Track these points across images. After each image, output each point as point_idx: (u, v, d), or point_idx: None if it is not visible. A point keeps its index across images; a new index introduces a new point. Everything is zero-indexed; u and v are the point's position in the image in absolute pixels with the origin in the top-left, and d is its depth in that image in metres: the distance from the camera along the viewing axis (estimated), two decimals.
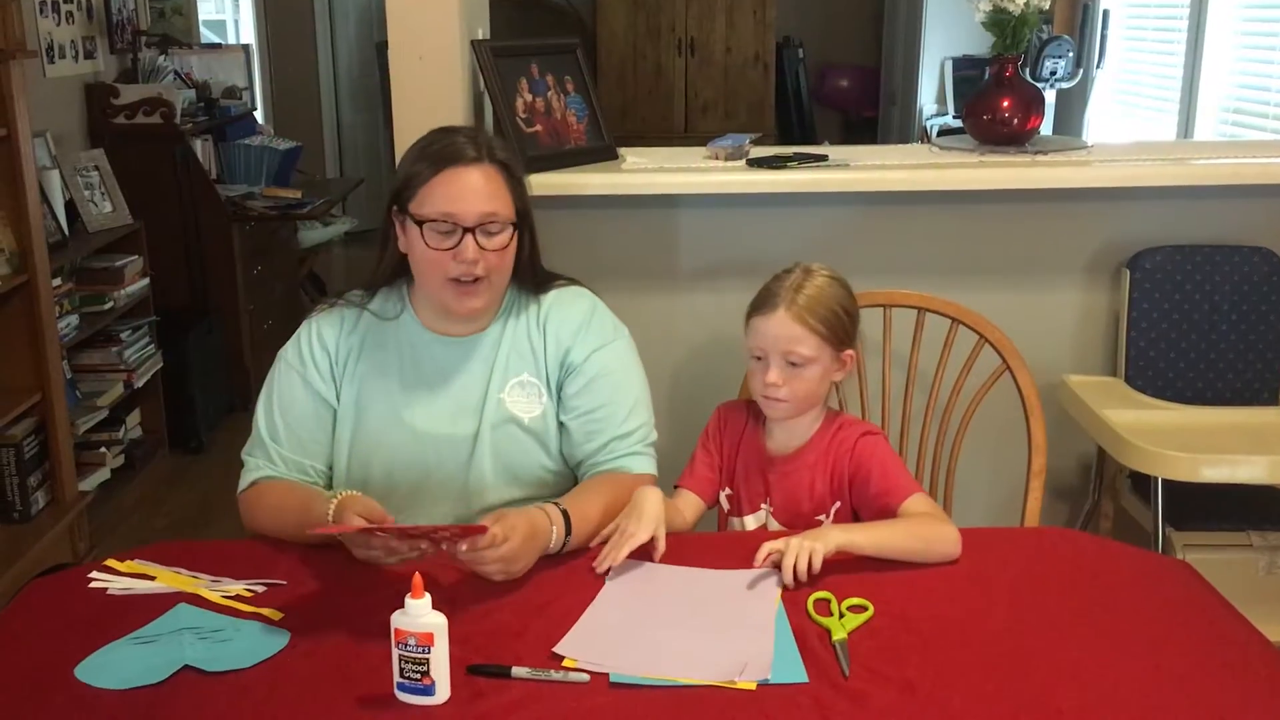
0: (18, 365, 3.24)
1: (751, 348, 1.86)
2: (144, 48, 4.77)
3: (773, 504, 1.89)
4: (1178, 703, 1.35)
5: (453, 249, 1.74)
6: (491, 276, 1.78)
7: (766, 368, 1.83)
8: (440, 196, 1.74)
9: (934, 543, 1.69)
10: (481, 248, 1.74)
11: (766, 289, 1.87)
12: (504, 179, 1.79)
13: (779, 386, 1.81)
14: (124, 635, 1.48)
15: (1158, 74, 4.53)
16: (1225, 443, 2.40)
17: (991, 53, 2.70)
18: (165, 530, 3.74)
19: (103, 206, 4.06)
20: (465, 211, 1.74)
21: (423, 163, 1.77)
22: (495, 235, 1.76)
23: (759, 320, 1.84)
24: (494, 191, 1.77)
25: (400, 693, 1.34)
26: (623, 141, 2.73)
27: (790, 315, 1.81)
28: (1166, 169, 2.58)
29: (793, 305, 1.81)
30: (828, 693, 1.36)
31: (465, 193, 1.74)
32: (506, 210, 1.78)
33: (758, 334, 1.84)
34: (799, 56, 7.26)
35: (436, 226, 1.74)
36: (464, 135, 1.81)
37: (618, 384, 1.87)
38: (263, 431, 1.85)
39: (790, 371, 1.81)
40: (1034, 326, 2.62)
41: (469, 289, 1.77)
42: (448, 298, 1.78)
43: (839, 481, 1.86)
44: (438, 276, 1.77)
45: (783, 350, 1.81)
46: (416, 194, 1.76)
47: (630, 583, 1.61)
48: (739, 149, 2.63)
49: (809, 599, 1.56)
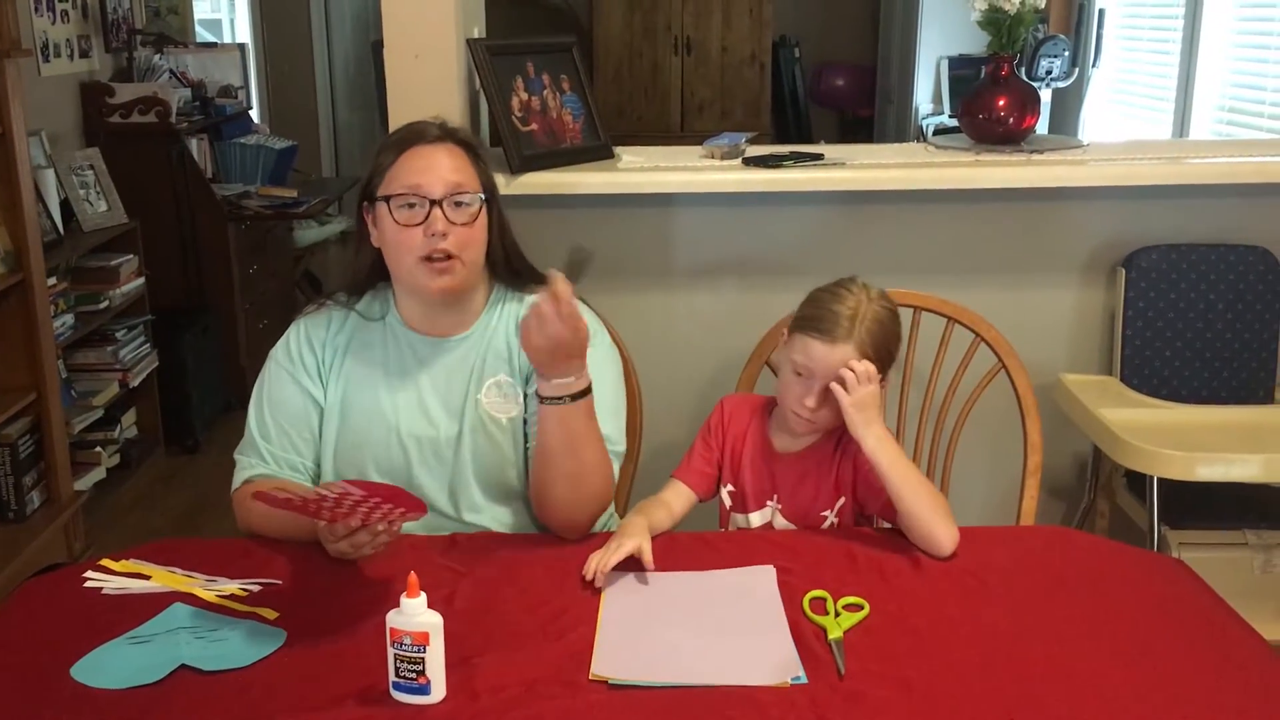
0: (13, 364, 3.23)
1: (796, 363, 1.81)
2: (139, 46, 4.76)
3: (780, 501, 1.88)
4: (1173, 701, 1.35)
5: (422, 224, 1.73)
6: (464, 254, 1.76)
7: (808, 388, 1.79)
8: (406, 171, 1.75)
9: (937, 518, 1.69)
10: (450, 221, 1.74)
11: (827, 309, 1.80)
12: (469, 157, 1.80)
13: (817, 410, 1.79)
14: (120, 635, 1.48)
15: (1153, 73, 4.53)
16: (1221, 441, 2.40)
17: (987, 52, 2.70)
18: (161, 530, 3.74)
19: (98, 205, 4.06)
20: (432, 182, 1.74)
21: (387, 150, 1.79)
22: (464, 207, 1.75)
23: (816, 344, 1.78)
24: (460, 166, 1.78)
25: (396, 692, 1.34)
26: (618, 141, 2.72)
27: (855, 348, 1.76)
28: (1162, 168, 2.58)
29: (851, 336, 1.77)
30: (824, 691, 1.36)
31: (431, 165, 1.75)
32: (474, 184, 1.78)
33: (810, 356, 1.78)
34: (795, 56, 7.26)
35: (404, 199, 1.74)
36: (426, 122, 1.82)
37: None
38: (254, 430, 1.86)
39: (829, 399, 1.78)
40: (1030, 325, 2.63)
41: (440, 266, 1.75)
42: (420, 277, 1.76)
43: (846, 478, 1.85)
44: (409, 256, 1.75)
45: (836, 378, 1.77)
46: (383, 178, 1.77)
47: (629, 592, 1.60)
48: (735, 148, 2.63)
49: (805, 598, 1.56)
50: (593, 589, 1.59)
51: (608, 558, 1.61)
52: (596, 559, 1.62)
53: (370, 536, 1.58)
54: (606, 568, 1.60)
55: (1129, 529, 2.65)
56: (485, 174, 1.82)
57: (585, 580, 1.61)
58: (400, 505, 1.52)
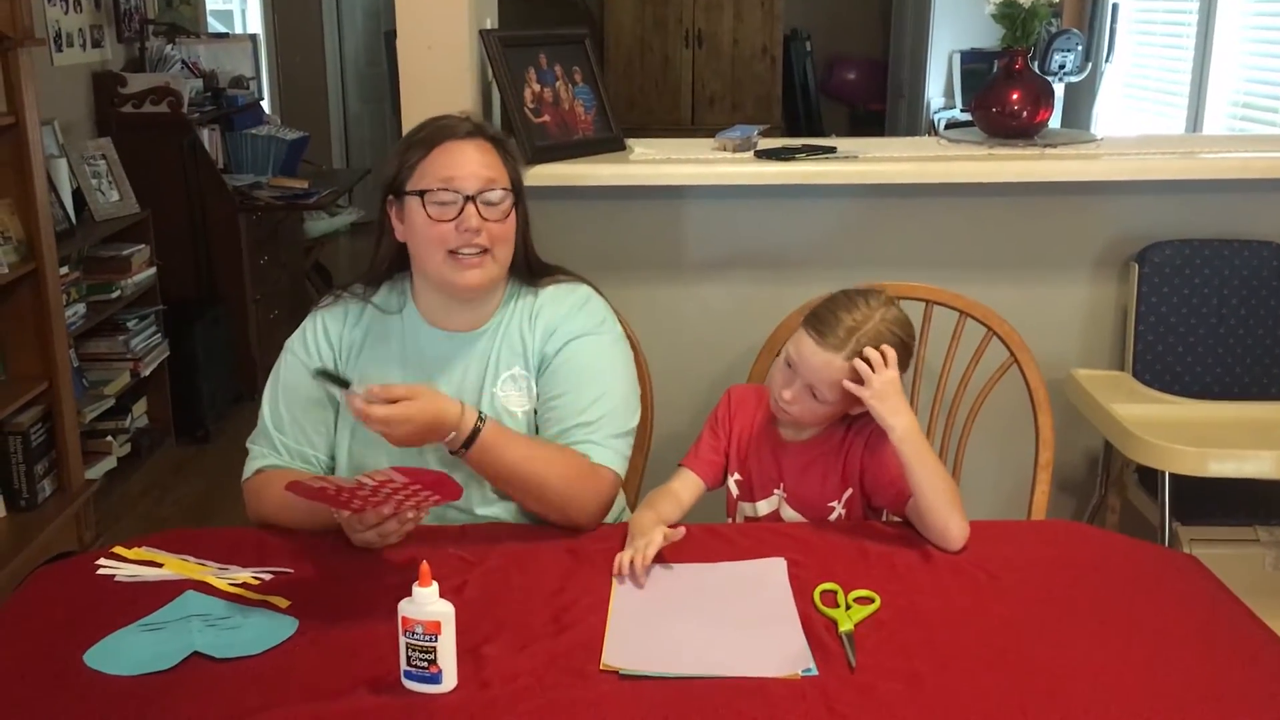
0: (25, 353, 3.25)
1: (789, 353, 1.82)
2: (151, 37, 4.77)
3: (786, 489, 1.88)
4: (1184, 696, 1.35)
5: (455, 219, 1.73)
6: (495, 249, 1.76)
7: (789, 380, 1.80)
8: (440, 166, 1.75)
9: (953, 512, 1.69)
10: (483, 217, 1.74)
11: (833, 313, 1.78)
12: (498, 153, 1.80)
13: (792, 404, 1.80)
14: (132, 622, 1.49)
15: (1167, 67, 4.51)
16: (1233, 437, 2.40)
17: (1001, 45, 2.69)
18: (171, 519, 3.75)
19: (110, 195, 4.07)
20: (466, 177, 1.74)
21: (415, 147, 1.79)
22: (497, 204, 1.76)
23: (808, 342, 1.78)
24: (491, 161, 1.78)
25: (407, 681, 1.34)
26: (629, 134, 2.72)
27: (840, 358, 1.75)
28: (1175, 163, 2.57)
29: (847, 349, 1.75)
30: (834, 684, 1.36)
31: (465, 161, 1.75)
32: (505, 180, 1.79)
33: (800, 351, 1.79)
34: (806, 49, 7.24)
35: (437, 196, 1.74)
36: (454, 117, 1.82)
37: (586, 372, 1.82)
38: (267, 421, 1.86)
39: (807, 397, 1.79)
40: (1042, 320, 2.62)
41: (471, 261, 1.75)
42: (448, 272, 1.76)
43: (853, 468, 1.85)
44: (439, 251, 1.75)
45: (812, 381, 1.78)
46: (413, 174, 1.77)
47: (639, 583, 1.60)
48: (748, 140, 2.62)
49: (816, 590, 1.56)
50: (604, 580, 1.59)
51: (647, 552, 1.60)
52: (627, 557, 1.61)
53: (399, 525, 1.59)
54: (647, 562, 1.60)
55: (1140, 525, 2.64)
56: (514, 171, 1.83)
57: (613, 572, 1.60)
58: (439, 492, 1.53)
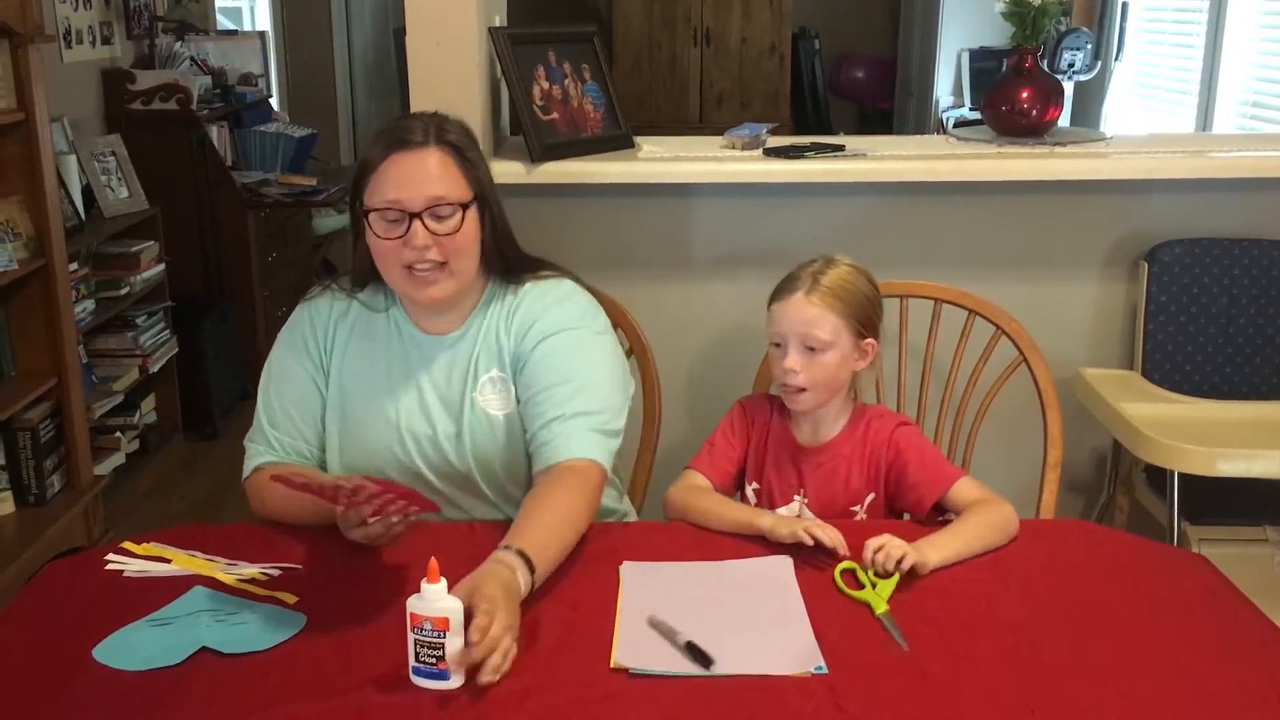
0: (34, 349, 3.25)
1: (770, 334, 1.85)
2: (160, 34, 4.77)
3: (807, 495, 1.87)
4: (1193, 696, 1.35)
5: (403, 237, 1.71)
6: (452, 262, 1.73)
7: (785, 354, 1.82)
8: (387, 183, 1.71)
9: (1006, 529, 1.71)
10: (432, 232, 1.71)
11: (788, 276, 1.87)
12: (455, 161, 1.74)
13: (796, 373, 1.80)
14: (141, 617, 1.49)
15: (1176, 66, 4.50)
16: (1242, 437, 2.40)
17: (1010, 44, 2.69)
18: (179, 515, 3.76)
19: (119, 192, 4.08)
20: (411, 197, 1.70)
21: (375, 147, 1.75)
22: (445, 219, 1.72)
23: (778, 306, 1.84)
24: (442, 174, 1.72)
25: (415, 677, 1.34)
26: (637, 131, 2.72)
27: (808, 299, 1.80)
28: (1185, 161, 2.57)
29: (812, 290, 1.81)
30: (843, 682, 1.36)
31: (411, 178, 1.71)
32: (457, 193, 1.73)
33: (776, 319, 1.84)
34: (815, 47, 7.23)
35: (384, 215, 1.71)
36: (418, 120, 1.76)
37: (563, 368, 1.77)
38: (263, 418, 1.86)
39: (808, 356, 1.80)
40: (1051, 319, 2.61)
41: (427, 277, 1.73)
42: (407, 287, 1.76)
43: (875, 472, 1.85)
44: (395, 266, 1.74)
45: (800, 334, 1.80)
46: (369, 183, 1.74)
47: (647, 582, 1.59)
48: (756, 138, 2.62)
49: (836, 570, 1.57)
50: (611, 578, 1.59)
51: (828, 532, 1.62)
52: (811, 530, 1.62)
53: (384, 529, 1.58)
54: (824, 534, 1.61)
55: (1148, 524, 2.63)
56: (475, 175, 1.76)
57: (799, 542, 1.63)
58: (414, 503, 1.53)
